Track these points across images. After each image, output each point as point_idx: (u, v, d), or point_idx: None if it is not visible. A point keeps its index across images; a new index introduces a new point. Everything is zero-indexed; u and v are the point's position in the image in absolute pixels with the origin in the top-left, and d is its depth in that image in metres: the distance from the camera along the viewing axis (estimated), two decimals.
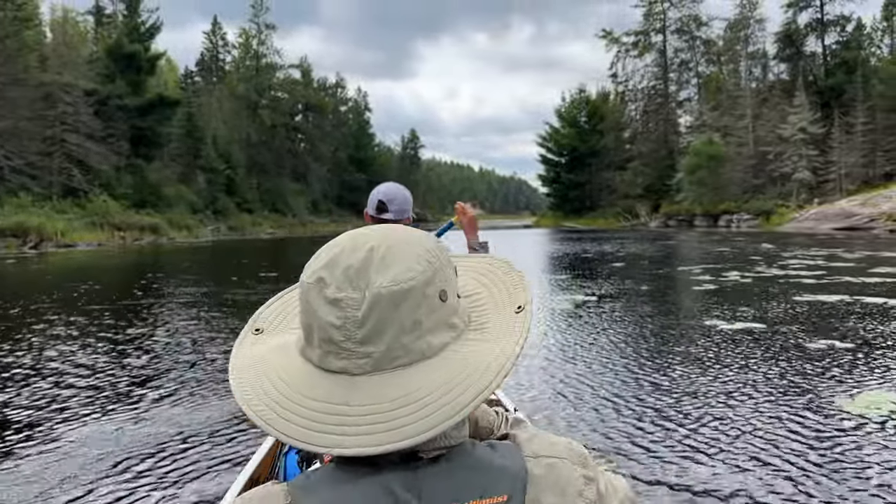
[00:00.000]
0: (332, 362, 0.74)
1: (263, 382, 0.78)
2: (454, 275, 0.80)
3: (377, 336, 0.72)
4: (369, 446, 0.69)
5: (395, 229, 0.79)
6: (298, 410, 0.73)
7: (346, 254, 0.75)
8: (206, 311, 10.78)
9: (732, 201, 54.58)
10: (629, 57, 76.25)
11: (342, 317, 0.72)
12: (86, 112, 53.63)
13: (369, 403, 0.71)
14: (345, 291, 0.73)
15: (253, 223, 67.80)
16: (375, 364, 0.73)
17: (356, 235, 0.78)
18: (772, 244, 26.28)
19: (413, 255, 0.75)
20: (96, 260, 27.36)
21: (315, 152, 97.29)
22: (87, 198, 48.86)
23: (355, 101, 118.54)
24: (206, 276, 18.09)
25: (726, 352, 6.73)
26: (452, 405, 0.70)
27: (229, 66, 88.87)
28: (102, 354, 7.30)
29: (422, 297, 0.73)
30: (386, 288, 0.72)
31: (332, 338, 0.73)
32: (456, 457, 0.75)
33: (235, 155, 74.56)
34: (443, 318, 0.76)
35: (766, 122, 55.66)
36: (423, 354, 0.74)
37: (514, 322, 0.79)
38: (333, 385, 0.73)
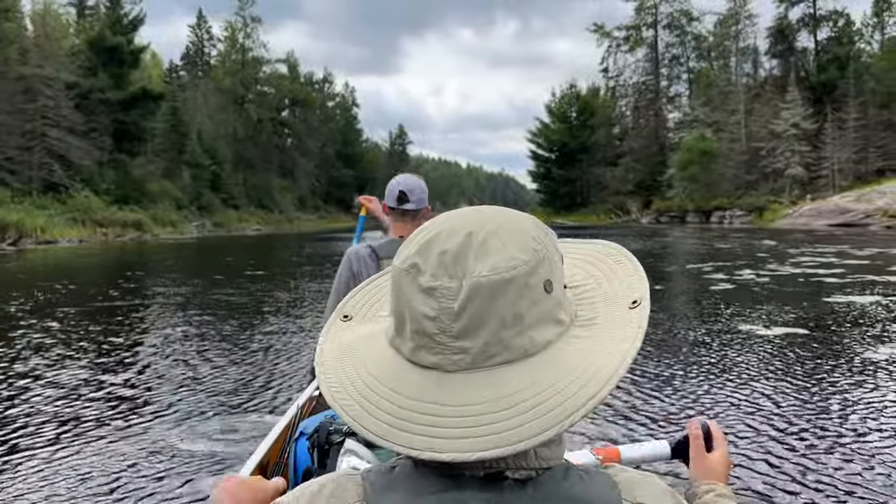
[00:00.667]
0: (425, 356, 0.67)
1: (351, 374, 0.72)
2: (560, 263, 0.72)
3: (474, 330, 0.65)
4: (461, 452, 0.61)
5: (495, 211, 0.72)
6: (387, 407, 0.67)
7: (443, 238, 0.68)
8: (189, 314, 9.98)
9: (725, 197, 54.21)
10: (620, 52, 75.83)
11: (437, 307, 0.65)
12: (67, 106, 52.39)
13: (463, 404, 0.64)
14: (440, 280, 0.66)
15: (239, 219, 66.67)
16: (472, 361, 0.66)
17: (453, 217, 0.71)
18: (773, 241, 25.74)
19: (516, 240, 0.67)
20: (77, 257, 26.36)
21: (302, 148, 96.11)
22: (69, 193, 47.63)
23: (343, 97, 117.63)
24: (190, 275, 17.22)
25: (776, 360, 6.02)
26: (558, 411, 0.62)
27: (215, 61, 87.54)
28: (78, 368, 6.49)
29: (525, 287, 0.65)
30: (486, 277, 0.64)
31: (425, 330, 0.66)
32: (546, 482, 0.66)
33: (221, 150, 73.34)
34: (547, 311, 0.68)
35: (758, 118, 55.29)
36: (525, 352, 0.66)
37: (627, 319, 0.71)
38: (425, 381, 0.67)
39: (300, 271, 17.23)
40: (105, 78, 57.47)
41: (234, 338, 7.94)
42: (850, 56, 55.24)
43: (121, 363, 6.62)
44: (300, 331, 8.22)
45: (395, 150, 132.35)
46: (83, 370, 6.29)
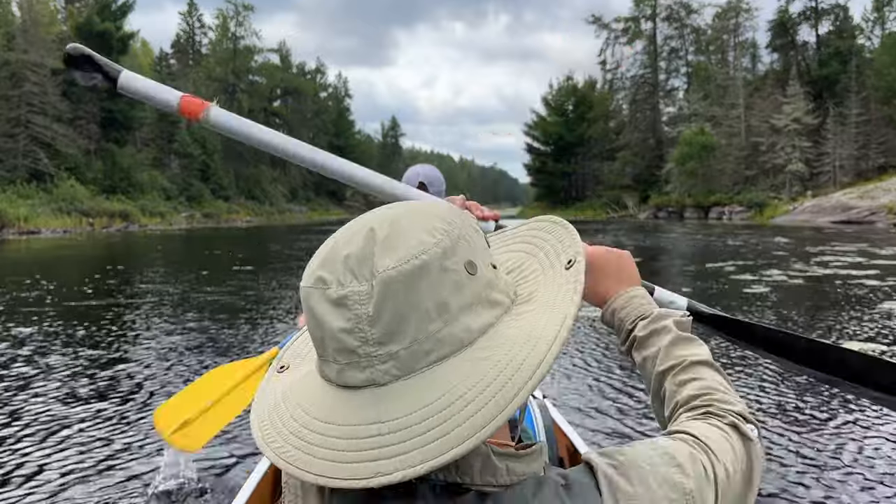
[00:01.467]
0: (354, 375, 0.61)
1: (285, 418, 0.65)
2: (483, 242, 0.68)
3: (397, 331, 0.59)
4: (410, 467, 0.56)
5: (396, 205, 0.68)
6: (323, 442, 0.60)
7: (343, 243, 0.63)
8: (172, 317, 8.97)
9: (724, 193, 53.41)
10: (618, 44, 74.76)
11: (351, 317, 0.60)
12: (53, 93, 51.08)
13: (402, 415, 0.58)
14: (348, 286, 0.60)
15: (229, 211, 65.45)
16: (403, 366, 0.60)
17: (355, 222, 0.67)
18: (784, 238, 24.91)
19: (422, 225, 0.63)
20: (58, 249, 25.23)
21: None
22: (54, 182, 46.36)
23: (335, 88, 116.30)
24: (176, 270, 16.16)
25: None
26: (501, 395, 0.57)
27: (206, 49, 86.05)
28: (51, 379, 5.54)
29: (441, 271, 0.60)
30: (395, 269, 0.59)
31: (345, 346, 0.61)
32: (508, 497, 0.61)
33: (211, 140, 72.00)
34: (477, 293, 0.63)
35: (758, 113, 54.48)
36: (461, 342, 0.61)
37: (563, 279, 0.67)
38: (361, 403, 0.61)
39: (292, 267, 16.23)
40: None
41: (219, 343, 7.00)
42: (851, 51, 54.47)
43: (98, 369, 5.65)
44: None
45: (388, 141, 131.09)
46: (56, 380, 5.32)
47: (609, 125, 75.46)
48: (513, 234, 0.82)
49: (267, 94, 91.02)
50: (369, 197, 2.80)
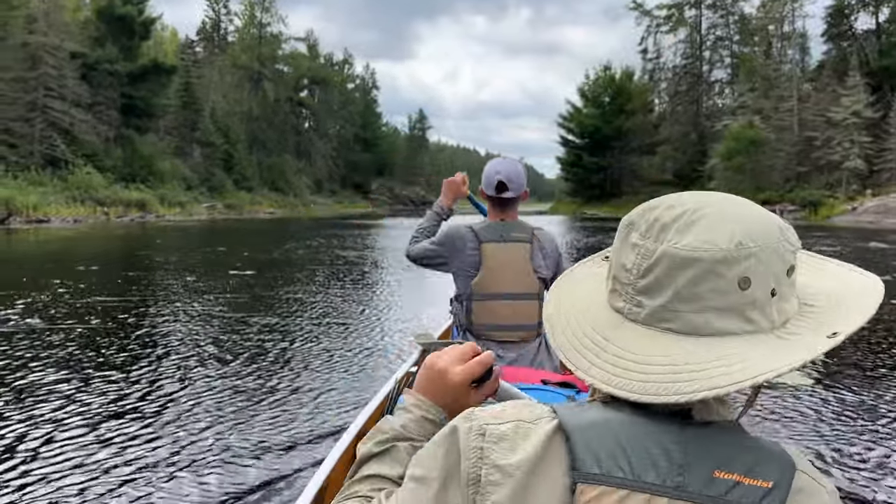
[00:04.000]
0: (615, 300, 0.77)
1: (565, 301, 0.84)
2: (782, 270, 0.72)
3: (654, 291, 0.72)
4: (607, 385, 0.71)
5: (725, 199, 0.75)
6: (575, 331, 0.78)
7: (663, 207, 0.75)
8: (139, 323, 6.45)
9: (774, 191, 50.01)
10: (660, 32, 71.21)
11: (633, 262, 0.74)
12: (72, 77, 49.27)
13: (626, 349, 0.73)
14: (645, 240, 0.73)
15: (251, 202, 63.29)
16: (646, 317, 0.73)
17: (687, 195, 0.77)
18: (857, 241, 21.92)
19: (724, 228, 0.70)
20: (62, 240, 23.08)
21: (320, 129, 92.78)
22: (69, 170, 44.46)
23: (362, 79, 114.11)
24: (178, 268, 13.71)
25: None
26: (694, 383, 0.67)
27: (232, 37, 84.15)
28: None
29: (710, 273, 0.69)
30: (676, 248, 0.70)
31: (620, 277, 0.76)
32: (728, 430, 0.72)
33: (235, 129, 70.04)
34: (735, 305, 0.70)
35: (812, 106, 50.97)
36: (696, 329, 0.70)
37: (814, 343, 0.70)
38: (607, 319, 0.77)
39: (319, 275, 13.72)
40: (114, 49, 54.20)
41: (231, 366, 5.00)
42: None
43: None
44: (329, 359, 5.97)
45: (415, 134, 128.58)
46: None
47: (649, 118, 72.05)
48: (847, 273, 0.82)
49: (293, 83, 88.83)
50: (395, 190, 27.50)
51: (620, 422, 0.71)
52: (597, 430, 0.70)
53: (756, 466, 0.67)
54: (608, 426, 0.70)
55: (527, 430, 0.72)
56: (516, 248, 2.70)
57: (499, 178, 2.68)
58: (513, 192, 2.70)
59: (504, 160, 2.82)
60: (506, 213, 2.76)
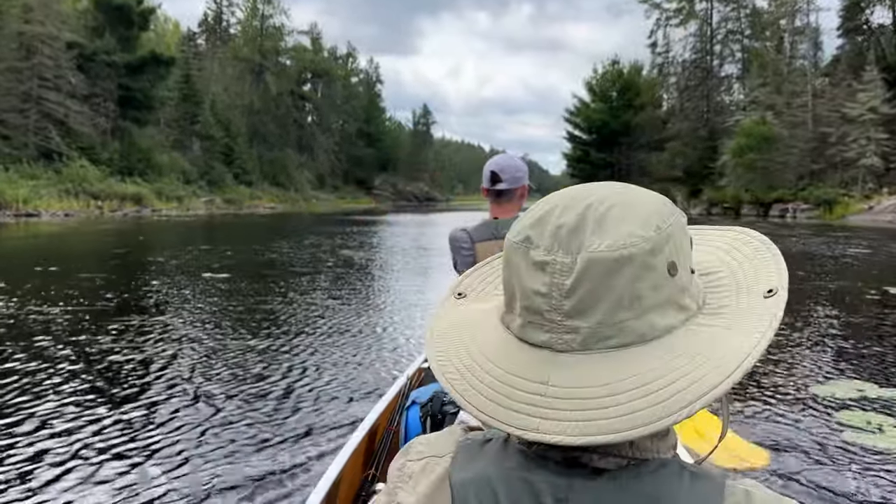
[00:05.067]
0: (534, 334, 0.64)
1: (459, 349, 0.70)
2: (689, 246, 0.68)
3: (588, 309, 0.61)
4: (566, 435, 0.58)
5: (619, 186, 0.68)
6: (491, 383, 0.64)
7: (559, 212, 0.65)
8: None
9: (786, 188, 48.62)
10: (670, 26, 69.62)
11: (549, 283, 0.62)
12: (68, 67, 48.15)
13: (572, 386, 0.61)
14: (553, 254, 0.62)
15: (251, 196, 62.15)
16: (583, 342, 0.62)
17: (574, 191, 0.68)
18: (879, 243, 20.62)
19: (639, 216, 0.63)
20: (42, 236, 21.93)
21: (323, 123, 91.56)
22: (64, 162, 43.33)
23: (366, 73, 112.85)
24: (148, 270, 12.51)
25: None
26: (674, 400, 0.57)
27: (234, 29, 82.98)
28: None
29: (645, 267, 0.61)
30: (602, 253, 0.61)
31: (535, 307, 0.63)
32: (625, 475, 0.62)
33: (235, 122, 68.87)
34: (670, 295, 0.63)
35: (827, 101, 49.54)
36: (642, 337, 0.62)
37: (760, 308, 0.65)
38: (533, 359, 0.64)
39: (322, 274, 12.52)
40: (112, 40, 53.04)
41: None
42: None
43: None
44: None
45: (419, 129, 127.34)
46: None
47: (657, 113, 70.49)
48: (712, 233, 0.78)
49: (296, 76, 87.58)
50: (398, 186, 26.75)
51: (500, 473, 0.64)
52: (474, 486, 0.65)
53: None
54: (486, 480, 0.64)
55: (433, 466, 0.69)
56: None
57: (491, 168, 2.70)
58: (506, 183, 2.68)
59: (502, 155, 2.84)
60: (502, 209, 2.72)
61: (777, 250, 0.72)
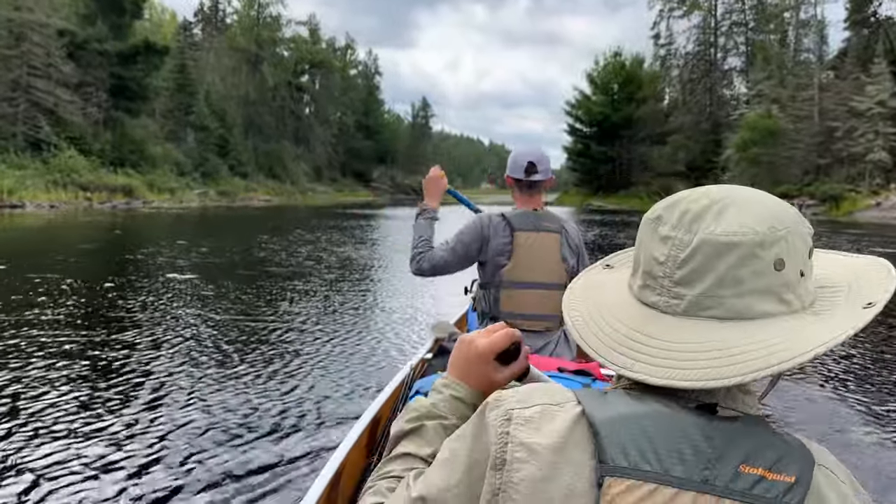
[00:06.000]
0: (647, 295, 0.78)
1: (590, 304, 0.84)
2: (805, 252, 0.76)
3: (694, 280, 0.73)
4: (655, 377, 0.71)
5: (750, 190, 0.78)
6: (608, 331, 0.78)
7: (690, 200, 0.77)
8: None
9: (792, 184, 47.58)
10: (673, 17, 68.39)
11: (667, 254, 0.75)
12: (58, 55, 46.99)
13: (668, 340, 0.73)
14: (677, 232, 0.75)
15: (246, 188, 61.06)
16: (686, 308, 0.74)
17: (709, 188, 0.79)
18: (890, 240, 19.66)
19: (756, 213, 0.73)
20: (20, 228, 20.93)
21: (320, 115, 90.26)
22: (52, 152, 42.21)
23: (365, 65, 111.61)
24: (111, 267, 11.53)
25: None
26: (744, 364, 0.69)
27: (230, 19, 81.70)
28: None
29: (750, 255, 0.71)
30: (715, 236, 0.72)
31: (652, 272, 0.77)
32: (752, 423, 0.72)
33: (231, 113, 67.66)
34: (772, 286, 0.72)
35: (834, 94, 48.45)
36: (739, 314, 0.72)
37: (854, 314, 0.73)
38: (644, 316, 0.77)
39: (324, 267, 11.57)
40: (104, 28, 51.88)
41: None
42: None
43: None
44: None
45: (418, 122, 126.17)
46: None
47: (659, 106, 69.35)
48: (848, 259, 0.86)
49: (293, 67, 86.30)
50: (397, 179, 27.86)
51: (647, 414, 0.71)
52: (624, 423, 0.70)
53: (780, 461, 0.68)
54: (635, 419, 0.71)
55: (553, 413, 0.74)
56: (548, 238, 2.61)
57: (529, 159, 2.65)
58: (542, 174, 2.66)
59: (530, 145, 2.80)
60: (534, 200, 2.68)
61: (891, 275, 0.78)
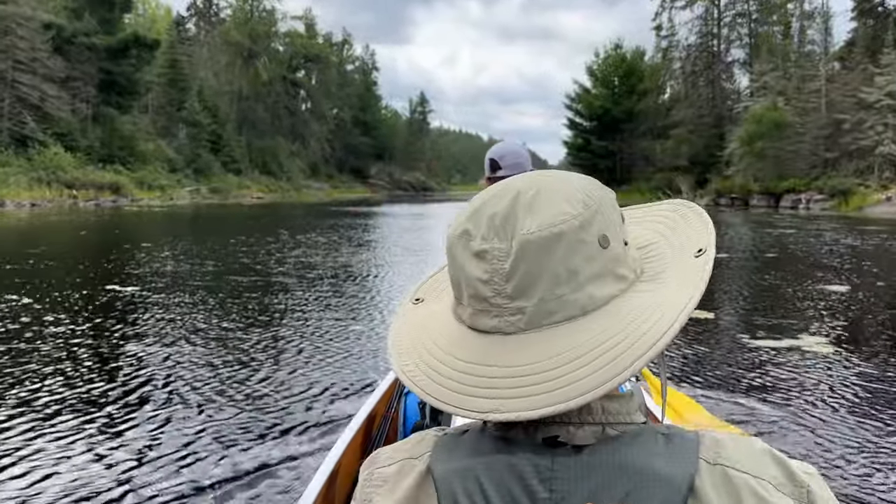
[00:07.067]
0: (484, 321, 0.68)
1: (418, 347, 0.74)
2: (619, 219, 0.71)
3: (528, 288, 0.65)
4: (523, 410, 0.61)
5: (545, 173, 0.72)
6: (450, 374, 0.68)
7: (491, 202, 0.69)
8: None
9: (798, 178, 46.28)
10: (675, 8, 66.94)
11: (489, 270, 0.66)
12: (43, 49, 45.67)
13: (523, 364, 0.64)
14: (490, 242, 0.66)
15: (239, 185, 59.80)
16: (529, 320, 0.66)
17: (505, 182, 0.72)
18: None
19: (565, 195, 0.67)
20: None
21: (316, 111, 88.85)
22: (37, 149, 40.95)
23: (362, 60, 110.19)
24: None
25: None
26: (619, 361, 0.61)
27: (224, 13, 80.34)
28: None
29: (577, 241, 0.65)
30: (534, 233, 0.65)
31: (480, 294, 0.67)
32: (604, 448, 0.64)
33: (224, 109, 66.35)
34: (606, 266, 0.67)
35: (842, 86, 47.13)
36: (584, 308, 0.65)
37: (691, 266, 0.69)
38: (486, 345, 0.68)
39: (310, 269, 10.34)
40: (92, 21, 50.52)
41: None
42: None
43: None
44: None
45: (416, 118, 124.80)
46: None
47: (661, 99, 67.96)
48: (647, 211, 0.83)
49: (287, 61, 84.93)
50: (395, 175, 28.84)
51: (482, 462, 0.66)
52: (459, 476, 0.66)
53: (634, 492, 0.61)
54: (471, 469, 0.66)
55: (409, 468, 0.70)
56: None
57: (490, 156, 2.66)
58: (506, 170, 2.60)
59: (502, 143, 2.81)
60: None
61: (706, 215, 0.76)
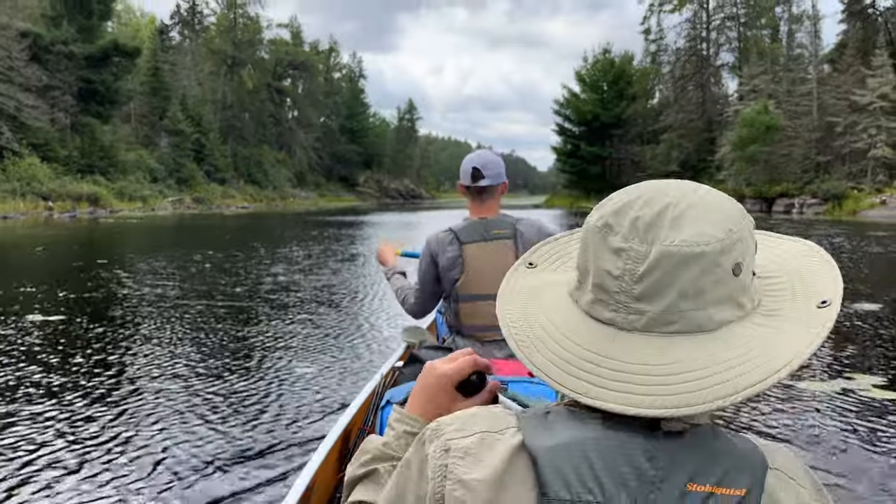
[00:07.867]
0: (601, 311, 0.71)
1: (529, 316, 0.76)
2: (753, 248, 0.73)
3: (655, 295, 0.67)
4: (622, 405, 0.65)
5: (696, 188, 0.73)
6: (558, 351, 0.71)
7: (640, 204, 0.70)
8: None
9: (791, 182, 45.63)
10: (663, 11, 66.42)
11: (622, 268, 0.68)
12: (19, 58, 44.54)
13: (626, 361, 0.68)
14: (630, 242, 0.68)
15: (224, 195, 58.61)
16: (646, 324, 0.68)
17: (654, 187, 0.72)
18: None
19: (713, 218, 0.68)
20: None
21: (303, 119, 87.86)
22: (12, 160, 39.71)
23: (349, 68, 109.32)
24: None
25: None
26: (729, 385, 0.64)
27: (208, 21, 79.24)
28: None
29: (713, 265, 0.67)
30: (676, 247, 0.66)
31: (606, 286, 0.70)
32: (700, 435, 0.68)
33: (208, 117, 65.17)
34: (731, 293, 0.69)
35: (833, 88, 46.58)
36: (700, 327, 0.68)
37: (813, 317, 0.70)
38: (597, 333, 0.70)
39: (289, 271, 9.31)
40: (70, 29, 49.36)
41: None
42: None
43: None
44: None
45: (404, 125, 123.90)
46: None
47: (651, 104, 67.32)
48: (779, 242, 0.83)
49: (272, 69, 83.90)
50: (383, 183, 26.83)
51: (588, 439, 0.67)
52: (564, 451, 0.67)
53: (729, 474, 0.65)
54: (576, 445, 0.67)
55: (492, 441, 0.70)
56: (499, 246, 2.59)
57: (473, 164, 2.63)
58: (489, 179, 2.61)
59: (480, 151, 2.80)
60: (485, 207, 2.66)
61: (834, 263, 0.76)
